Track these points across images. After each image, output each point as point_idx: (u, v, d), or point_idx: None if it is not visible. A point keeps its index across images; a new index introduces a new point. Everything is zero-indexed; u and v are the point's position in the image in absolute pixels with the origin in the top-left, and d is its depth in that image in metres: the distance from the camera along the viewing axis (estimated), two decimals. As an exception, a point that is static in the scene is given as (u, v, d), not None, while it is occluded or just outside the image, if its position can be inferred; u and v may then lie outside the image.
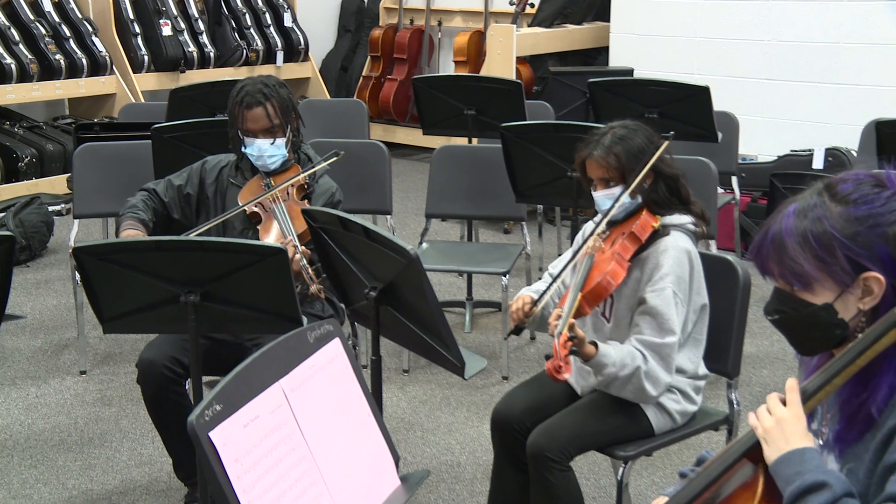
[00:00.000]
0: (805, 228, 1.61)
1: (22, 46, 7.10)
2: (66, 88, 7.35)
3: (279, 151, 3.25)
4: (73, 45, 7.35)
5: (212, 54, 8.04)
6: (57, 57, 7.22)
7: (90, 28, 7.46)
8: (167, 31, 7.80)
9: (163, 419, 3.13)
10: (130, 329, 2.86)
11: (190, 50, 7.90)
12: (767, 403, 1.63)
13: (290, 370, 1.81)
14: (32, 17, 7.25)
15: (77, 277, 4.09)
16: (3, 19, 7.10)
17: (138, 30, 7.75)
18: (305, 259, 2.95)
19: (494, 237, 6.45)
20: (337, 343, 1.96)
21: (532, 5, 7.92)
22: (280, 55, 8.50)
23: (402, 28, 8.76)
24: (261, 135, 3.22)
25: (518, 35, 7.32)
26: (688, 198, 2.81)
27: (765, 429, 1.60)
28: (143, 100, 7.43)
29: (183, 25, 7.93)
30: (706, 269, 2.78)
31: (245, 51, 8.22)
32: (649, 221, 2.72)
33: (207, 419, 1.60)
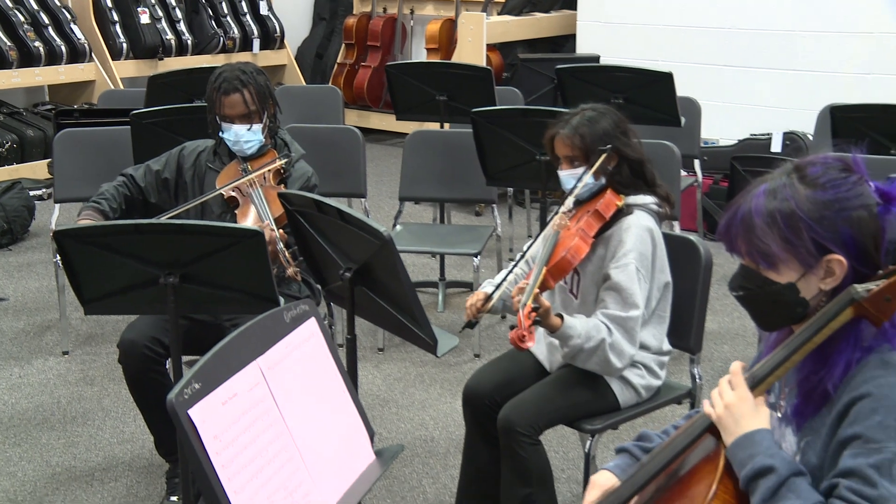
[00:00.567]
0: (774, 209, 1.61)
1: (1, 34, 7.00)
2: (46, 75, 7.26)
3: (255, 137, 3.23)
4: (52, 33, 7.25)
5: (189, 42, 7.97)
6: (36, 44, 7.12)
7: (69, 16, 7.37)
8: (145, 19, 7.72)
9: (144, 398, 3.12)
10: (111, 310, 2.84)
11: (168, 38, 7.83)
12: (719, 387, 1.64)
13: (268, 349, 1.80)
14: (11, 5, 7.16)
15: (58, 260, 4.06)
16: (-18, 7, 7.01)
17: (116, 17, 7.66)
18: (282, 242, 2.94)
19: (466, 219, 6.45)
20: (312, 322, 1.95)
21: (501, -6, 7.90)
22: (256, 43, 8.44)
23: (376, 16, 8.72)
24: (238, 120, 3.20)
25: (488, 23, 7.31)
26: (653, 180, 2.82)
27: (718, 414, 1.62)
28: (122, 87, 7.36)
29: (160, 13, 7.85)
30: (670, 249, 2.79)
31: (222, 38, 8.15)
32: (613, 200, 2.73)
33: (186, 397, 1.59)
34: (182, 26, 7.99)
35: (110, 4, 7.66)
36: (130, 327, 3.13)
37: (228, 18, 8.31)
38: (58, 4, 7.37)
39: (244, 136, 3.21)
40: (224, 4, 8.31)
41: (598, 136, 2.74)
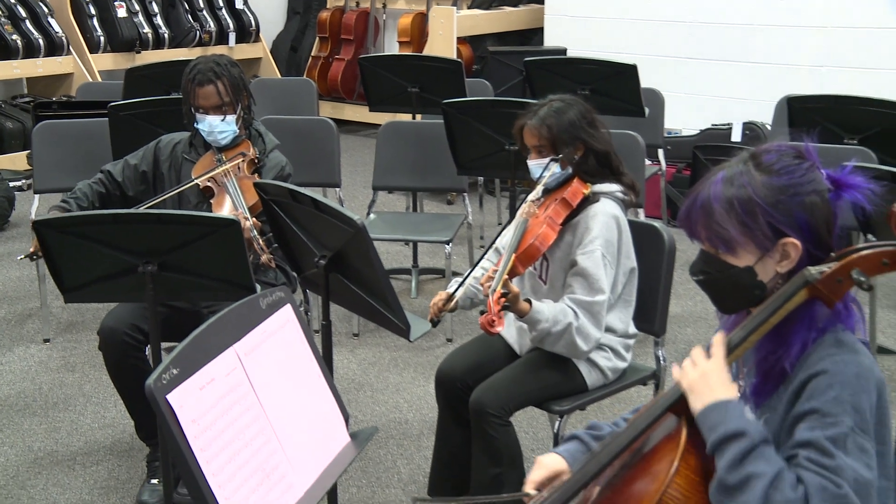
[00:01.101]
0: (731, 195, 1.63)
1: (-21, 28, 6.91)
2: (24, 68, 7.16)
3: (229, 127, 3.22)
4: (30, 26, 7.15)
5: (166, 35, 7.89)
6: (14, 37, 7.02)
7: (46, 9, 7.27)
8: (122, 13, 7.63)
9: (124, 383, 3.09)
10: (91, 298, 2.81)
11: (145, 31, 7.74)
12: (692, 356, 1.65)
13: (244, 335, 1.79)
14: (-12, -1, 7.06)
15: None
16: (-40, 1, 6.90)
17: (93, 11, 7.57)
18: (256, 230, 2.93)
19: (438, 208, 6.44)
20: (288, 309, 1.94)
21: (471, -12, 7.89)
22: (232, 36, 8.38)
23: (349, 10, 8.67)
24: (212, 111, 3.19)
25: (458, 17, 7.30)
26: (619, 169, 2.83)
27: (690, 381, 1.61)
28: (100, 79, 7.27)
29: (137, 7, 7.77)
30: (635, 236, 2.80)
31: (198, 32, 8.07)
32: (580, 189, 2.74)
33: (165, 382, 1.58)
34: (158, 20, 7.90)
35: (87, -1, 7.58)
36: (110, 315, 3.11)
37: (204, 12, 8.24)
38: (35, -2, 7.28)
39: (218, 127, 3.20)
40: (200, -2, 8.25)
41: (565, 127, 2.75)
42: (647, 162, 5.01)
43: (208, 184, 3.17)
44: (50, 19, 7.26)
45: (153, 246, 2.51)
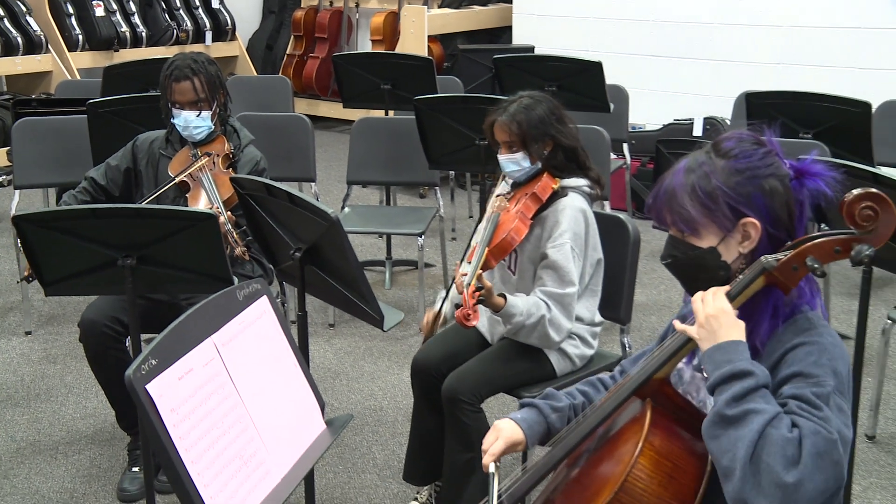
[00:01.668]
0: (693, 181, 1.66)
1: (-43, 27, 6.81)
2: (3, 66, 7.06)
3: (204, 123, 3.20)
4: (8, 25, 7.05)
5: (144, 34, 7.81)
6: (-8, 36, 6.93)
7: (24, 8, 7.17)
8: (100, 12, 7.54)
9: (105, 374, 3.07)
10: (71, 291, 2.78)
11: (122, 30, 7.66)
12: (703, 298, 1.62)
13: (222, 326, 1.78)
14: (-33, -2, 6.95)
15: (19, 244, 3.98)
16: (-61, 0, 6.79)
17: (72, 10, 7.47)
18: (230, 224, 2.93)
19: (411, 201, 6.43)
20: (264, 300, 1.93)
21: (442, -12, 7.87)
22: (209, 35, 8.31)
23: (323, 9, 8.63)
24: (187, 107, 3.17)
25: (429, 16, 7.29)
26: (585, 164, 2.84)
27: (702, 320, 1.59)
28: (79, 77, 7.19)
29: (115, 6, 7.68)
30: (601, 227, 2.81)
31: (175, 31, 8.00)
32: (549, 184, 2.74)
33: (144, 373, 1.57)
34: (136, 19, 7.82)
35: (65, -3, 7.48)
36: (90, 307, 3.08)
37: (181, 12, 8.16)
38: (13, -3, 7.17)
39: (193, 122, 3.18)
40: (177, -2, 8.17)
41: (535, 123, 2.75)
42: (613, 156, 5.03)
43: (184, 179, 3.16)
44: (28, 18, 7.16)
45: (132, 240, 2.48)
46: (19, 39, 7.05)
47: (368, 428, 3.52)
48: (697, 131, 6.16)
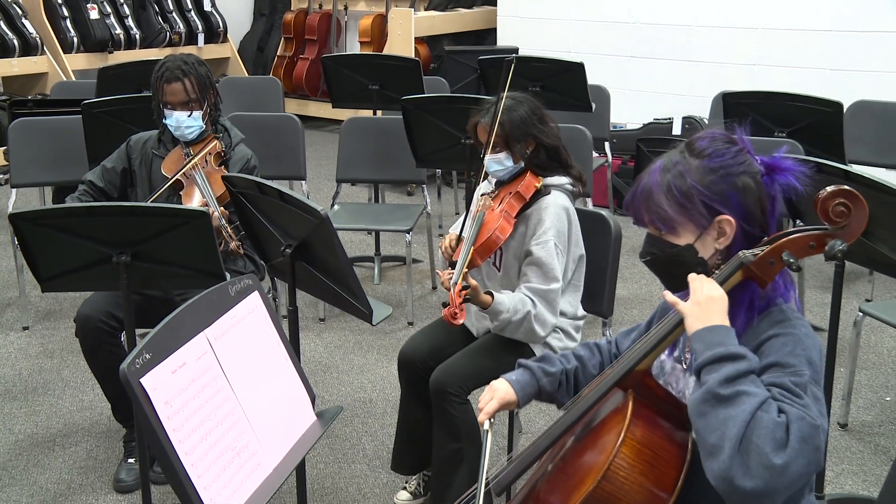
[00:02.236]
0: (668, 181, 1.66)
1: (-45, 29, 6.75)
2: (0, 68, 7.01)
3: (196, 123, 3.19)
4: (4, 27, 7.00)
5: (137, 36, 7.77)
6: (-11, 39, 6.88)
7: (19, 11, 7.11)
8: (94, 15, 7.50)
9: (100, 368, 3.06)
10: (67, 287, 2.76)
11: (116, 32, 7.62)
12: (700, 281, 1.61)
13: (214, 321, 1.77)
14: (-37, 1, 6.89)
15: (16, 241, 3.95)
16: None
17: (66, 13, 7.42)
18: (224, 219, 2.92)
19: (399, 199, 6.42)
20: (256, 296, 1.93)
21: (428, -9, 7.86)
22: (201, 37, 8.27)
23: (312, 12, 8.61)
24: (179, 107, 3.16)
25: (416, 18, 7.28)
26: (567, 162, 2.83)
27: (697, 300, 1.58)
28: (74, 78, 7.14)
29: (109, 9, 7.63)
30: (583, 224, 2.81)
31: (168, 33, 7.96)
32: (532, 182, 2.74)
33: (138, 367, 1.56)
34: (130, 21, 7.78)
35: (60, 0, 7.42)
36: (86, 303, 3.07)
37: (174, 14, 8.12)
38: (8, 0, 7.11)
39: (185, 122, 3.17)
40: (169, 1, 8.12)
41: (517, 124, 2.74)
42: (595, 154, 5.04)
43: (178, 177, 3.15)
44: (24, 20, 7.11)
45: (126, 237, 2.47)
46: (15, 41, 7.00)
47: (358, 419, 3.52)
48: (677, 130, 6.18)
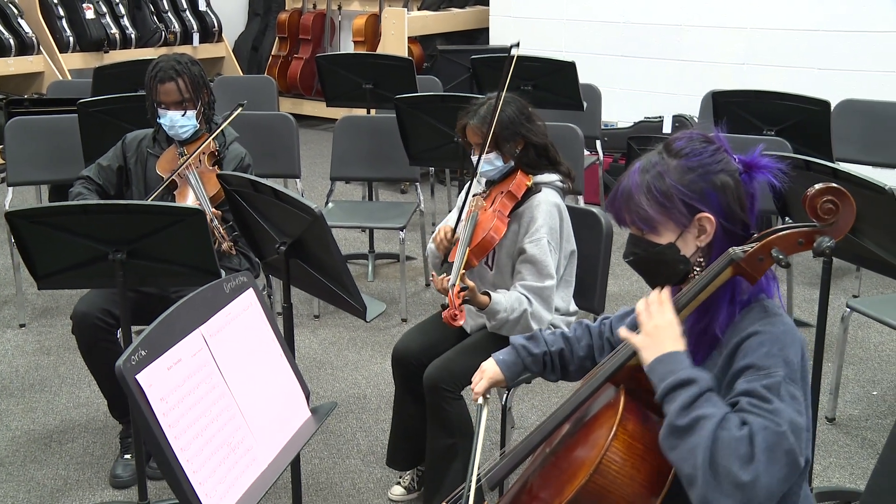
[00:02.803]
0: (648, 181, 1.67)
1: (-49, 28, 6.71)
2: (-4, 67, 6.98)
3: (189, 122, 3.18)
4: (0, 27, 6.96)
5: (133, 36, 7.74)
6: (-15, 38, 6.84)
7: (16, 10, 7.08)
8: (90, 15, 7.46)
9: (97, 365, 3.05)
10: (63, 285, 2.76)
11: (112, 32, 7.58)
12: (647, 310, 1.64)
13: (209, 318, 1.77)
14: (-40, 1, 6.84)
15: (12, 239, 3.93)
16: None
17: (62, 13, 7.39)
18: (217, 219, 2.91)
19: (392, 196, 6.42)
20: (251, 293, 1.92)
21: (421, -9, 7.85)
22: (196, 37, 8.24)
23: (306, 12, 8.59)
24: (172, 107, 3.14)
25: (409, 17, 7.27)
26: (556, 159, 2.83)
27: (646, 332, 1.62)
28: (70, 77, 7.11)
29: (104, 9, 7.60)
30: (575, 221, 2.81)
31: (163, 33, 7.93)
32: (523, 181, 2.74)
33: (134, 363, 1.55)
34: (125, 21, 7.75)
35: (56, 0, 7.38)
36: (82, 300, 3.06)
37: (169, 14, 8.09)
38: (5, 0, 7.07)
39: (179, 122, 3.15)
40: (165, 1, 8.09)
41: (505, 124, 2.73)
42: (586, 152, 5.04)
43: (172, 176, 3.14)
44: (20, 20, 7.07)
45: (122, 235, 2.46)
46: (11, 41, 6.96)
47: (352, 415, 3.52)
48: (667, 128, 6.18)
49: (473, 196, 2.81)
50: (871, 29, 5.76)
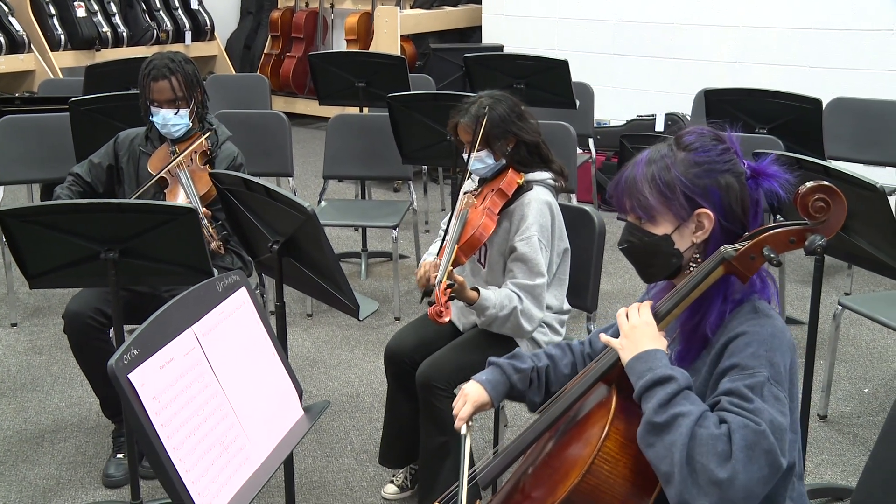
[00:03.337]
0: (653, 171, 1.67)
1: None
2: (-14, 66, 6.96)
3: (182, 121, 3.17)
4: (-8, 25, 6.95)
5: (124, 34, 7.71)
6: (-24, 36, 6.81)
7: (6, 8, 7.05)
8: (81, 13, 7.44)
9: (89, 364, 3.04)
10: (55, 284, 2.75)
11: (104, 30, 7.56)
12: (627, 313, 1.67)
13: (202, 316, 1.76)
14: (-49, -1, 6.82)
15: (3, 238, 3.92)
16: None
17: (53, 11, 7.36)
18: (207, 219, 2.90)
19: (385, 195, 6.41)
20: (243, 292, 1.92)
21: (414, -11, 7.84)
22: (188, 35, 8.22)
23: (299, 10, 8.57)
24: (165, 105, 3.14)
25: (402, 16, 7.26)
26: (548, 157, 2.83)
27: (628, 327, 1.64)
28: (61, 76, 7.09)
29: (96, 7, 7.58)
30: (568, 219, 2.81)
31: (155, 31, 7.91)
32: (514, 178, 2.74)
33: (126, 363, 1.55)
34: (117, 19, 7.72)
35: (47, -2, 7.37)
36: (75, 299, 3.05)
37: (161, 12, 8.07)
38: (-4, -1, 7.06)
39: (171, 120, 3.15)
40: (157, -1, 8.08)
41: (497, 122, 2.73)
42: (579, 150, 5.05)
43: (163, 175, 3.13)
44: (11, 18, 7.05)
45: (114, 233, 2.46)
46: (2, 39, 6.94)
47: (345, 414, 3.51)
48: (659, 127, 6.19)
49: (465, 193, 2.81)
50: (863, 27, 5.78)
